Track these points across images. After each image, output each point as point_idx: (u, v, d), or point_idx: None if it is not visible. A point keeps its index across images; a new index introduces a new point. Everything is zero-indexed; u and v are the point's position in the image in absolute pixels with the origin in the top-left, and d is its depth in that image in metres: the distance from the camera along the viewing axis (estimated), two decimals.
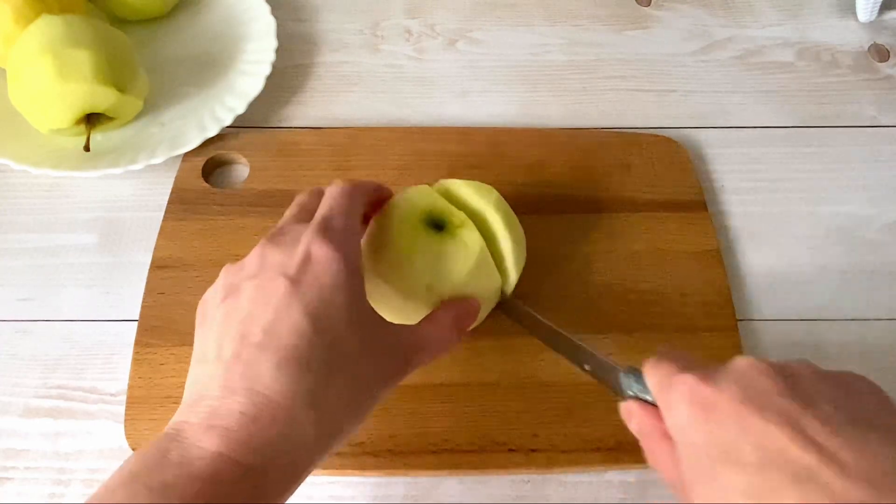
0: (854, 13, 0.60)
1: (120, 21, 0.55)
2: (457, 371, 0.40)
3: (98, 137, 0.49)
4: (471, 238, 0.36)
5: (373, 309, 0.31)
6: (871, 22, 0.60)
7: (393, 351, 0.31)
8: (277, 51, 0.54)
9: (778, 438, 0.24)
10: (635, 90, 0.55)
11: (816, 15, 0.61)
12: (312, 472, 0.37)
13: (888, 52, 0.58)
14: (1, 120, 0.49)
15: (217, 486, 0.25)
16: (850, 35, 0.59)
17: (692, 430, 0.26)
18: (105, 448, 0.39)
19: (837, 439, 0.23)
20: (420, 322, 0.34)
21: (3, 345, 0.42)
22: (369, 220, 0.38)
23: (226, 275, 0.31)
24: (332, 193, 0.34)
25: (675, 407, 0.27)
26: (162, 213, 0.46)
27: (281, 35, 0.55)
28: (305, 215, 0.34)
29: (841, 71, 0.57)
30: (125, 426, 0.38)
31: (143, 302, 0.42)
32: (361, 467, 0.37)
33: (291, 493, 0.28)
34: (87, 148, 0.47)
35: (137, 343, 0.41)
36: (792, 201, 0.49)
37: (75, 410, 0.40)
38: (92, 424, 0.40)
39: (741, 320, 0.44)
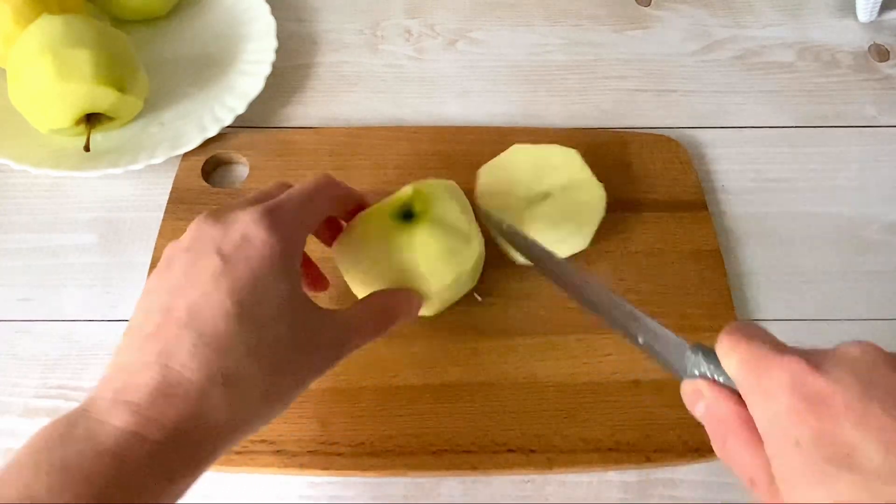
0: (854, 13, 0.60)
1: (120, 21, 0.55)
2: (457, 371, 0.40)
3: (98, 137, 0.49)
4: (443, 221, 0.36)
5: (308, 298, 0.31)
6: (871, 22, 0.60)
7: (326, 340, 0.31)
8: (277, 51, 0.54)
9: None
10: (635, 90, 0.56)
11: (816, 15, 0.61)
12: (312, 473, 0.37)
13: (888, 52, 0.58)
14: (1, 120, 0.49)
15: (123, 463, 0.25)
16: (850, 35, 0.59)
17: (795, 425, 0.23)
18: None
19: None
20: (352, 305, 0.33)
21: (3, 345, 0.42)
22: (337, 225, 0.38)
23: (167, 249, 0.31)
24: (297, 187, 0.33)
25: (773, 395, 0.24)
26: (162, 213, 0.46)
27: (281, 35, 0.55)
28: (261, 198, 0.33)
29: (841, 71, 0.57)
30: None
31: None
32: (361, 467, 0.37)
33: (200, 473, 0.28)
34: (87, 148, 0.47)
35: None
36: (792, 201, 0.49)
37: None
38: None
39: (741, 320, 0.44)
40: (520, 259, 0.42)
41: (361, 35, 0.59)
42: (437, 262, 0.36)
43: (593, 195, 0.44)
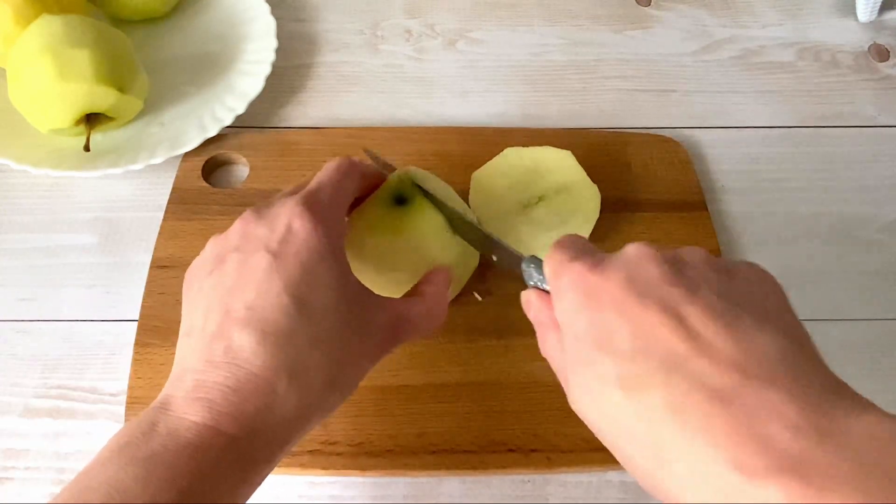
0: (854, 13, 0.60)
1: (120, 21, 0.55)
2: (457, 371, 0.40)
3: (98, 137, 0.49)
4: (426, 205, 0.37)
5: (359, 283, 0.31)
6: (871, 22, 0.60)
7: (379, 325, 0.31)
8: (277, 51, 0.54)
9: (655, 326, 0.23)
10: (635, 90, 0.56)
11: (816, 15, 0.61)
12: (312, 473, 0.37)
13: (888, 52, 0.58)
14: (1, 120, 0.49)
15: (203, 455, 0.26)
16: (850, 35, 0.59)
17: (575, 317, 0.26)
18: None
19: (714, 327, 0.23)
20: (405, 295, 0.34)
21: (3, 345, 0.42)
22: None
23: (212, 246, 0.32)
24: (326, 168, 0.34)
25: (564, 294, 0.27)
26: (162, 213, 0.46)
27: (281, 35, 0.55)
28: (298, 191, 0.34)
29: (841, 71, 0.57)
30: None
31: (143, 302, 0.42)
32: (361, 467, 0.37)
33: (278, 461, 0.29)
34: (87, 148, 0.47)
35: (137, 343, 0.41)
36: (792, 201, 0.49)
37: (75, 410, 0.40)
38: (92, 424, 0.40)
39: None
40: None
41: (361, 35, 0.59)
42: (443, 234, 0.36)
43: (588, 196, 0.44)
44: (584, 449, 0.38)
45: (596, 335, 0.25)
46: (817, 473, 0.19)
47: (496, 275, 0.43)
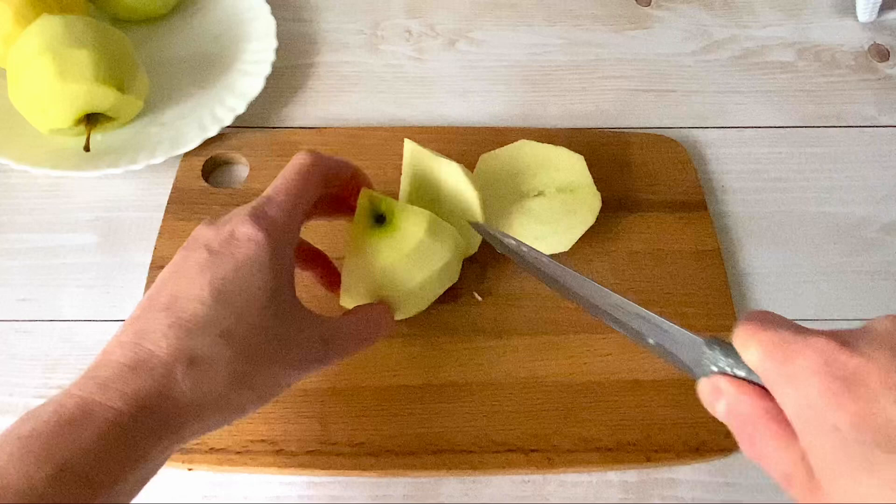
0: (854, 13, 0.60)
1: (120, 21, 0.55)
2: (457, 371, 0.40)
3: (98, 137, 0.49)
4: (407, 224, 0.36)
5: (295, 299, 0.32)
6: (871, 22, 0.60)
7: (306, 339, 0.32)
8: (277, 51, 0.54)
9: None
10: (635, 90, 0.56)
11: (816, 15, 0.61)
12: (312, 473, 0.37)
13: (888, 52, 0.58)
14: (1, 120, 0.49)
15: (84, 428, 0.25)
16: (850, 35, 0.59)
17: (832, 410, 0.21)
18: None
19: None
20: (344, 315, 0.34)
21: (3, 345, 0.42)
22: (344, 202, 0.38)
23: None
24: (287, 169, 0.34)
25: (802, 381, 0.22)
26: (162, 213, 0.46)
27: (281, 35, 0.55)
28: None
29: (841, 71, 0.57)
30: None
31: None
32: (361, 467, 0.37)
33: (171, 451, 0.28)
34: (87, 148, 0.47)
35: None
36: (792, 201, 0.49)
37: None
38: None
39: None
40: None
41: (361, 35, 0.59)
42: (405, 264, 0.36)
43: (587, 203, 0.44)
44: (584, 449, 0.38)
45: (872, 431, 0.20)
46: None
47: (496, 275, 0.43)
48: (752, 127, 0.53)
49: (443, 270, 0.38)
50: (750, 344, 0.24)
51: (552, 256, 0.42)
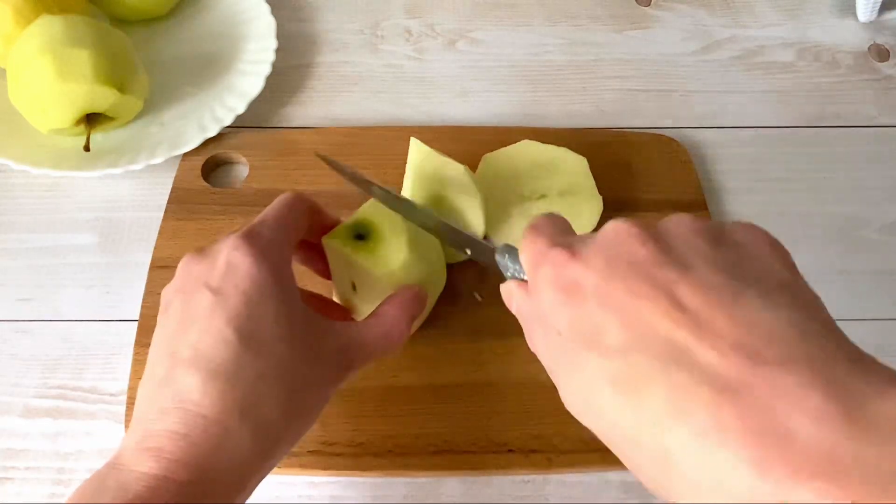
0: (854, 13, 0.60)
1: (120, 21, 0.55)
2: (457, 371, 0.40)
3: (98, 137, 0.49)
4: (388, 245, 0.35)
5: (307, 309, 0.31)
6: (871, 22, 0.60)
7: (331, 350, 0.31)
8: (277, 51, 0.54)
9: (645, 314, 0.21)
10: (635, 90, 0.56)
11: (816, 15, 0.61)
12: (312, 473, 0.37)
13: (888, 52, 0.58)
14: (1, 120, 0.49)
15: None
16: (850, 35, 0.59)
17: (556, 314, 0.23)
18: (105, 448, 0.39)
19: (714, 307, 0.20)
20: (365, 318, 0.33)
21: (3, 345, 0.42)
22: (318, 238, 0.37)
23: (163, 294, 0.31)
24: (273, 202, 0.33)
25: (542, 288, 0.24)
26: (162, 213, 0.46)
27: (281, 35, 0.55)
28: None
29: (841, 71, 0.57)
30: (125, 426, 0.38)
31: (143, 302, 0.42)
32: (361, 468, 0.37)
33: (244, 498, 0.28)
34: (87, 148, 0.47)
35: (137, 343, 0.41)
36: (792, 201, 0.49)
37: (75, 410, 0.40)
38: (92, 424, 0.40)
39: None
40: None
41: (361, 35, 0.59)
42: (395, 274, 0.35)
43: (589, 206, 0.44)
44: (584, 449, 0.38)
45: (581, 332, 0.22)
46: (849, 472, 0.16)
47: (497, 275, 0.43)
48: (752, 127, 0.53)
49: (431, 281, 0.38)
50: (522, 253, 0.27)
51: None
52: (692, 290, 0.21)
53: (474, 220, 0.41)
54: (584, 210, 0.44)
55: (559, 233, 0.26)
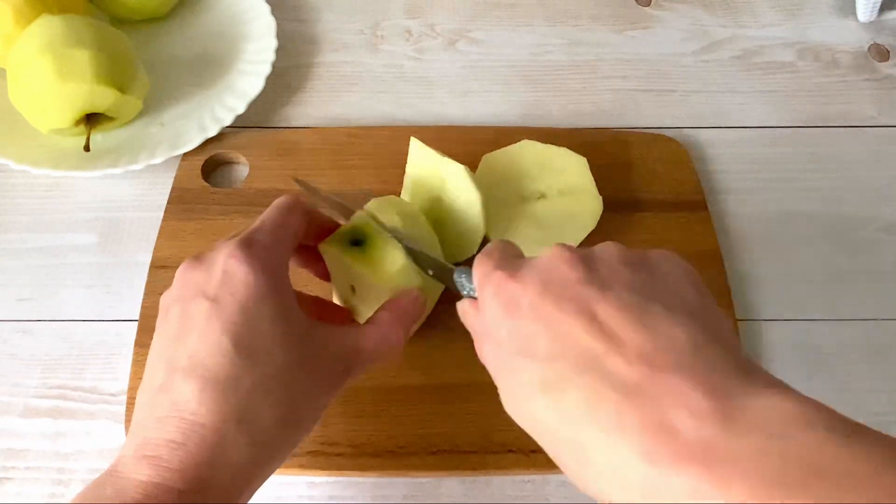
0: (854, 13, 0.60)
1: (120, 21, 0.55)
2: (457, 371, 0.40)
3: (98, 137, 0.49)
4: (384, 252, 0.35)
5: (306, 318, 0.31)
6: (871, 22, 0.60)
7: (330, 357, 0.31)
8: (277, 51, 0.54)
9: (569, 327, 0.24)
10: (635, 90, 0.56)
11: (816, 15, 0.61)
12: (312, 473, 0.37)
13: (888, 52, 0.58)
14: (1, 120, 0.49)
15: None
16: (850, 35, 0.59)
17: (499, 326, 0.26)
18: (105, 448, 0.39)
19: (624, 321, 0.23)
20: (363, 325, 0.33)
21: (3, 345, 0.42)
22: (316, 242, 0.36)
23: (161, 299, 0.31)
24: (270, 207, 0.33)
25: (487, 304, 0.27)
26: (162, 213, 0.46)
27: (281, 35, 0.55)
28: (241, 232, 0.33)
29: (841, 71, 0.57)
30: (125, 426, 0.38)
31: (143, 302, 0.42)
32: (361, 468, 0.37)
33: None
34: (87, 148, 0.47)
35: (137, 343, 0.41)
36: (792, 201, 0.49)
37: (75, 410, 0.40)
38: (92, 424, 0.40)
39: (741, 320, 0.44)
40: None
41: (361, 35, 0.59)
42: (392, 279, 0.35)
43: (589, 206, 0.44)
44: None
45: (517, 342, 0.25)
46: (720, 459, 0.19)
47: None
48: (752, 127, 0.53)
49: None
50: (474, 275, 0.30)
51: None
52: (608, 307, 0.24)
53: (474, 220, 0.41)
54: (584, 210, 0.44)
55: (506, 257, 0.29)
